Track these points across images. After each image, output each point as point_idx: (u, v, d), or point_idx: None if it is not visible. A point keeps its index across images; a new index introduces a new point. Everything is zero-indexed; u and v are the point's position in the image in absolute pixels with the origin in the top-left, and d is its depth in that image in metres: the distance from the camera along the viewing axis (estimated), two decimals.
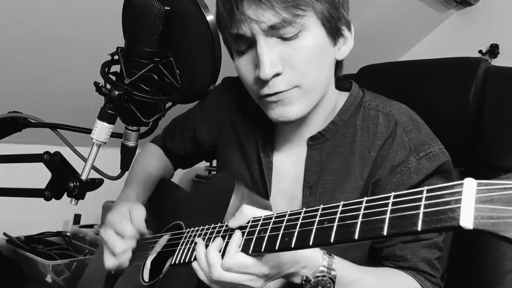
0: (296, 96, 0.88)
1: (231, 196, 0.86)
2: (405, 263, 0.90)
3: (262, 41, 0.85)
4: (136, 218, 0.93)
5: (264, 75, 0.84)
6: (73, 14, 1.44)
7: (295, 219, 0.65)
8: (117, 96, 0.64)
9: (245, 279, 0.71)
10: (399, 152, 0.91)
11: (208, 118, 1.15)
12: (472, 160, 1.18)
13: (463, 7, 2.34)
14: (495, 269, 1.08)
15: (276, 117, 0.90)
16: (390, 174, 0.91)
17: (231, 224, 0.75)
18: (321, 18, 0.87)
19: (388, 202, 0.55)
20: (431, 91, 1.25)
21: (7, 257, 1.60)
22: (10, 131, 0.78)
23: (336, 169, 0.95)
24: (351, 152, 0.95)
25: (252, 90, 0.92)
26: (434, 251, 0.92)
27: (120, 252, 0.91)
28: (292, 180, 0.99)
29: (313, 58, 0.87)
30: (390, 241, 0.92)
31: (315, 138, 0.96)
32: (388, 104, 0.97)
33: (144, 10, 0.63)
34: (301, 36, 0.86)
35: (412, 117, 0.95)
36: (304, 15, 0.85)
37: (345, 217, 0.59)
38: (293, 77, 0.86)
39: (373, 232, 0.55)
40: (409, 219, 0.52)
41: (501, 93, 1.15)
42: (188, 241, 0.89)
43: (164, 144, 1.26)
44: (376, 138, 0.94)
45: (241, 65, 0.91)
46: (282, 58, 0.86)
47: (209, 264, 0.73)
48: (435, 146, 0.92)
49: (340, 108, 0.97)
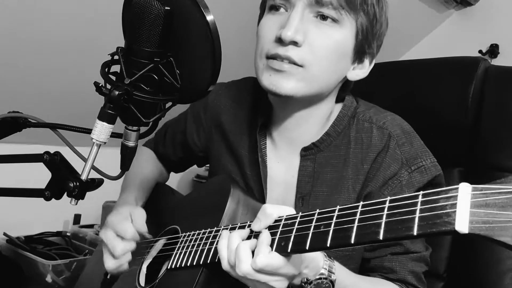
0: (297, 74, 0.87)
1: (228, 200, 0.86)
2: (393, 275, 0.91)
3: (300, 8, 0.85)
4: (137, 219, 0.92)
5: (285, 35, 0.84)
6: (73, 15, 1.44)
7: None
8: (117, 96, 0.64)
9: (274, 279, 0.68)
10: (392, 165, 0.92)
11: (198, 123, 1.14)
12: (471, 160, 1.18)
13: (463, 7, 2.34)
14: (494, 268, 1.08)
15: (268, 84, 0.88)
16: (382, 186, 0.92)
17: (256, 227, 0.71)
18: (358, 29, 0.89)
19: (384, 206, 0.56)
20: (430, 90, 1.25)
21: (7, 257, 1.60)
22: (10, 131, 0.78)
23: (329, 181, 0.95)
24: (344, 164, 0.95)
25: (263, 48, 0.89)
26: (422, 265, 0.93)
27: (120, 254, 0.90)
28: (284, 188, 0.99)
29: (331, 52, 0.88)
30: (379, 252, 0.93)
31: (308, 148, 0.96)
32: (382, 116, 0.97)
33: (144, 10, 0.63)
34: (334, 26, 0.87)
35: (405, 130, 0.96)
36: (349, 13, 0.86)
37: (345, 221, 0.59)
38: (306, 56, 0.86)
39: (369, 236, 0.55)
40: (405, 223, 0.52)
41: (500, 92, 1.16)
42: (185, 246, 0.88)
43: (156, 148, 1.26)
44: (370, 151, 0.94)
45: (267, 21, 0.91)
46: (307, 34, 0.86)
47: (239, 259, 0.69)
48: (427, 160, 0.93)
49: (334, 119, 0.97)
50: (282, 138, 0.99)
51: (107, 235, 0.92)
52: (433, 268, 1.09)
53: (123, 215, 0.94)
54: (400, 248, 0.92)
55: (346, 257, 0.92)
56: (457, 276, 1.14)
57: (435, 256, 1.09)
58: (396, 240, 0.54)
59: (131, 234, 0.91)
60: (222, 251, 0.72)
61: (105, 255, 0.93)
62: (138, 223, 0.92)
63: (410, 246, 0.92)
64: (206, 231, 0.84)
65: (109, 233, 0.92)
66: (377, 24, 0.92)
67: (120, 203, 1.03)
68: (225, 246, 0.72)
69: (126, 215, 0.94)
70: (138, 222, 0.92)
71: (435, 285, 1.15)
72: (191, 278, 0.81)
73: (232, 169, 1.06)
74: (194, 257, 0.83)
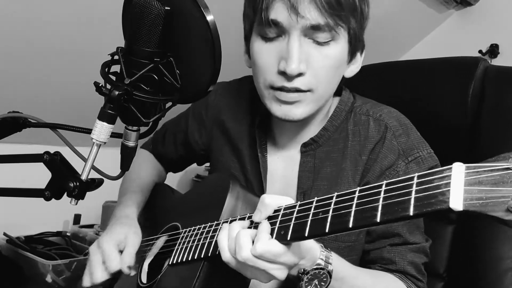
0: (306, 99, 0.88)
1: (227, 195, 0.86)
2: (393, 266, 0.92)
3: (297, 37, 0.84)
4: (126, 254, 0.92)
5: (291, 70, 0.83)
6: (73, 15, 1.44)
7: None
8: (117, 96, 0.64)
9: (274, 267, 0.68)
10: (388, 156, 0.93)
11: (199, 121, 1.15)
12: (470, 160, 1.18)
13: (463, 7, 2.34)
14: (494, 268, 1.08)
15: (281, 114, 0.89)
16: (379, 177, 0.93)
17: (257, 218, 0.72)
18: (351, 35, 0.89)
19: (380, 190, 0.57)
20: (430, 90, 1.25)
21: (7, 257, 1.60)
22: (10, 131, 0.78)
23: (329, 174, 0.96)
24: (343, 157, 0.96)
25: (266, 79, 0.89)
26: (421, 256, 0.94)
27: (96, 282, 0.91)
28: (284, 183, 0.99)
29: (333, 68, 0.88)
30: (378, 244, 0.93)
31: (308, 144, 0.97)
32: (378, 109, 0.98)
33: (144, 10, 0.63)
34: (331, 44, 0.87)
35: (401, 122, 0.97)
36: (342, 26, 0.86)
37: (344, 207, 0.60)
38: (312, 80, 0.87)
39: (367, 219, 0.56)
40: (401, 204, 0.53)
41: (500, 92, 1.15)
42: (185, 241, 0.89)
43: (155, 149, 1.26)
44: (367, 142, 0.95)
45: (263, 51, 0.89)
46: (308, 60, 0.86)
47: (239, 245, 0.69)
48: (424, 151, 0.93)
49: (331, 114, 0.98)
50: (281, 134, 1.01)
51: (94, 259, 0.92)
52: (433, 268, 1.09)
53: (116, 240, 0.93)
54: (399, 239, 0.92)
55: (348, 248, 0.93)
56: (457, 276, 1.14)
57: (435, 256, 1.09)
58: (394, 221, 0.55)
59: (114, 269, 0.90)
60: (222, 242, 0.73)
61: (85, 271, 0.93)
62: (126, 259, 0.91)
63: (409, 237, 0.92)
64: (206, 226, 0.85)
65: (95, 258, 0.92)
66: (365, 20, 0.92)
67: (119, 215, 1.02)
68: (226, 236, 0.73)
69: (120, 240, 0.93)
70: (126, 258, 0.91)
71: (435, 285, 1.15)
72: (192, 272, 0.81)
73: (233, 165, 1.07)
74: (194, 251, 0.83)
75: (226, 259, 0.72)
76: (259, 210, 0.72)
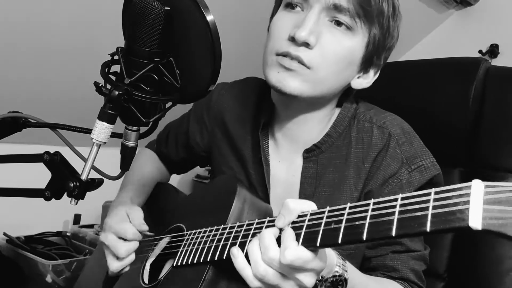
0: (304, 75, 0.87)
1: (234, 199, 0.86)
2: (395, 273, 0.92)
3: (317, 10, 0.86)
4: (135, 218, 0.92)
5: (299, 35, 0.84)
6: (73, 14, 1.44)
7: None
8: (117, 96, 0.64)
9: (302, 275, 0.66)
10: (392, 164, 0.93)
11: (201, 124, 1.15)
12: (472, 160, 1.18)
13: (463, 7, 2.34)
14: (494, 268, 1.08)
15: (275, 80, 0.88)
16: (382, 185, 0.93)
17: (280, 223, 0.68)
18: (370, 40, 0.89)
19: (396, 203, 0.56)
20: (431, 91, 1.25)
21: (7, 257, 1.60)
22: (10, 131, 0.78)
23: (331, 181, 0.95)
24: (346, 164, 0.95)
25: (274, 44, 0.89)
26: (421, 264, 0.95)
27: (124, 255, 0.90)
28: (286, 187, 0.99)
29: (340, 58, 0.88)
30: (380, 251, 0.93)
31: (310, 150, 0.97)
32: (382, 116, 0.98)
33: (144, 10, 0.63)
34: (348, 33, 0.87)
35: (405, 130, 0.97)
36: (364, 23, 0.87)
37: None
38: (315, 59, 0.86)
39: (382, 233, 0.55)
40: (418, 220, 0.52)
41: (501, 93, 1.15)
42: (191, 243, 0.88)
43: (159, 149, 1.26)
44: (370, 150, 0.95)
45: (281, 18, 0.90)
46: (320, 37, 0.86)
47: (269, 259, 0.65)
48: (427, 159, 0.93)
49: (334, 120, 0.98)
50: (284, 138, 1.00)
51: (109, 238, 0.92)
52: (433, 268, 1.09)
53: (120, 216, 0.94)
54: (401, 247, 0.92)
55: (349, 256, 0.92)
56: (457, 276, 1.14)
57: (435, 256, 1.09)
58: (409, 236, 0.54)
59: (132, 234, 0.91)
60: (255, 253, 0.68)
61: (108, 258, 0.93)
62: (136, 221, 0.92)
63: (410, 245, 0.92)
64: (213, 229, 0.84)
65: (110, 236, 0.92)
66: (389, 37, 0.93)
67: (115, 204, 1.03)
68: (257, 246, 0.69)
69: (123, 216, 0.94)
70: (136, 220, 0.92)
71: (435, 285, 1.15)
72: (197, 276, 0.81)
73: (235, 169, 1.06)
74: (201, 254, 0.83)
75: (258, 270, 0.67)
76: (282, 215, 0.68)
